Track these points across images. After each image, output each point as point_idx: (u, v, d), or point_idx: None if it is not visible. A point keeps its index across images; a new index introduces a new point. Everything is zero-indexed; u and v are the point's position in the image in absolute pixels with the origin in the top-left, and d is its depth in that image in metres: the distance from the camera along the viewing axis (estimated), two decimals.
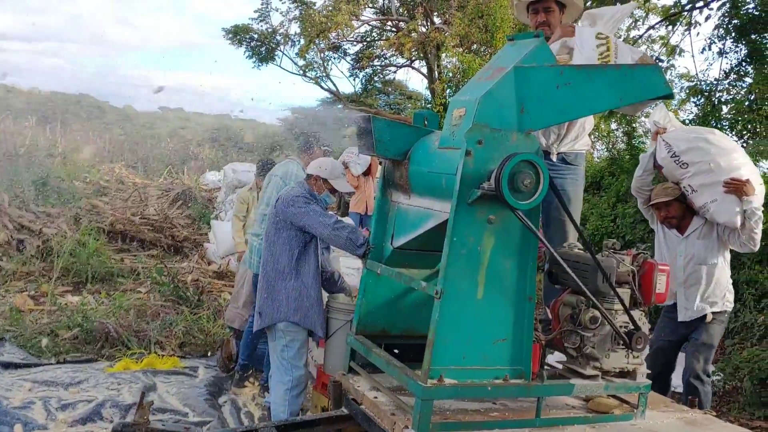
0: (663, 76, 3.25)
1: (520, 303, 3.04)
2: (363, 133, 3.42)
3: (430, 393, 2.85)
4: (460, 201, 2.87)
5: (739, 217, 4.19)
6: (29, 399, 4.32)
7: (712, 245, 4.37)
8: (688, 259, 4.43)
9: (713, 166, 4.22)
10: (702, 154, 4.27)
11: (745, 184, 4.15)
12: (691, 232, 4.42)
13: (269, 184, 5.28)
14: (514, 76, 2.98)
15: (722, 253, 4.41)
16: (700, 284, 4.38)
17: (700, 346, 4.36)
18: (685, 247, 4.44)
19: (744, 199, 4.16)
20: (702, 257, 4.38)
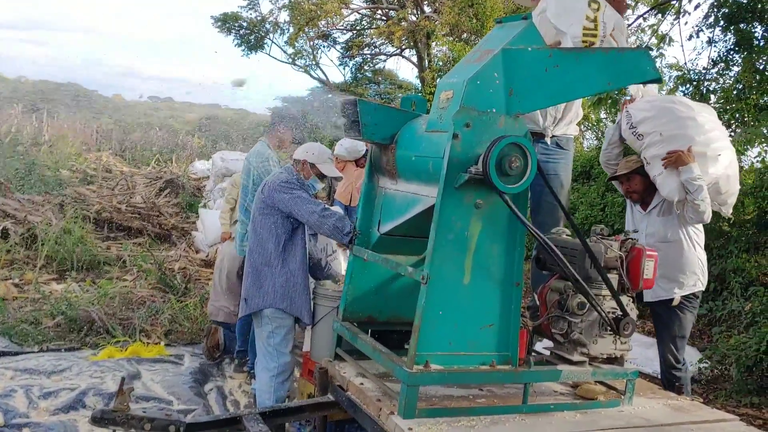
0: (652, 60, 3.22)
1: (507, 288, 3.01)
2: (349, 117, 3.37)
3: (416, 379, 2.83)
4: (447, 185, 2.84)
5: (678, 190, 3.93)
6: (10, 387, 4.25)
7: (673, 222, 4.12)
8: (647, 235, 4.20)
9: (663, 137, 4.00)
10: (654, 124, 4.05)
11: (680, 154, 3.90)
12: (652, 208, 4.20)
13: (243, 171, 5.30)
14: (502, 59, 2.94)
15: (685, 231, 4.13)
16: (664, 263, 3.97)
17: (673, 338, 4.19)
18: (646, 224, 4.23)
19: (680, 170, 3.90)
20: (662, 235, 4.15)
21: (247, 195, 5.06)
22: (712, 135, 4.06)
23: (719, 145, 4.06)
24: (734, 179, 4.18)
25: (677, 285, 4.13)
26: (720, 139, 4.10)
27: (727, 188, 4.13)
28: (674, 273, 4.11)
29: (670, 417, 3.36)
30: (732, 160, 4.17)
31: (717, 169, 3.99)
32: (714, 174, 3.98)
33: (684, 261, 4.11)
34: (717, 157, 4.00)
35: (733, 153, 4.24)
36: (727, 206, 4.27)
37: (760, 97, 8.25)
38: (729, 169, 4.10)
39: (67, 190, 9.86)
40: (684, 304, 4.17)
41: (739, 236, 8.02)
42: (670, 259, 4.05)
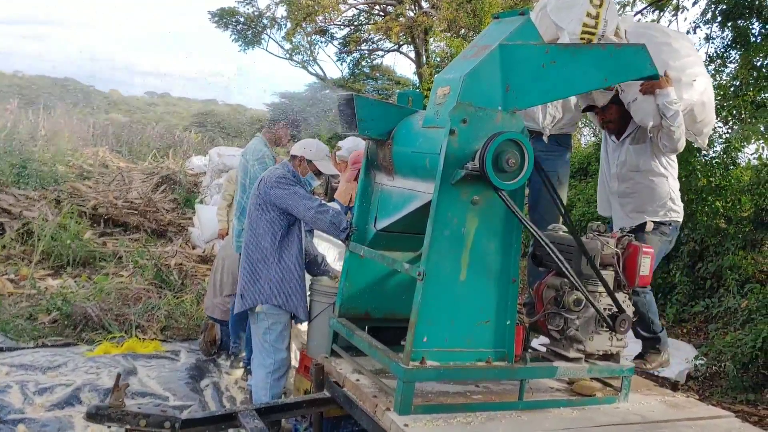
0: (649, 56, 3.21)
1: (503, 285, 3.01)
2: (345, 112, 3.36)
3: (412, 375, 2.83)
4: (444, 181, 2.84)
5: (653, 115, 3.79)
6: (6, 383, 4.24)
7: (645, 150, 4.00)
8: (619, 165, 4.09)
9: None
10: None
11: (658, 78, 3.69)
12: (625, 136, 4.07)
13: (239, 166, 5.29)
14: (500, 54, 2.94)
15: (657, 159, 4.00)
16: (635, 193, 4.04)
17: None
18: (618, 153, 4.10)
19: (657, 93, 3.74)
20: (634, 163, 4.02)
21: (244, 192, 5.04)
22: (687, 61, 3.95)
23: (694, 71, 3.95)
24: (710, 107, 4.07)
25: (646, 213, 4.00)
26: (695, 65, 4.00)
27: (703, 116, 4.02)
28: (643, 203, 4.01)
29: (665, 414, 3.36)
30: (707, 88, 4.05)
31: (692, 95, 3.87)
32: (689, 100, 3.87)
33: (654, 191, 3.99)
34: (692, 83, 3.88)
35: (709, 81, 4.12)
36: (703, 136, 4.16)
37: (757, 93, 8.25)
38: (704, 95, 3.98)
39: (63, 186, 9.82)
40: (654, 231, 4.00)
41: (735, 233, 8.02)
42: (639, 188, 4.01)
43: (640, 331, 3.97)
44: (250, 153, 5.12)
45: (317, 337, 4.08)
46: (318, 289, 4.16)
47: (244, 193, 5.01)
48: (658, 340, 3.98)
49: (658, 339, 3.98)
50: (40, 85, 42.87)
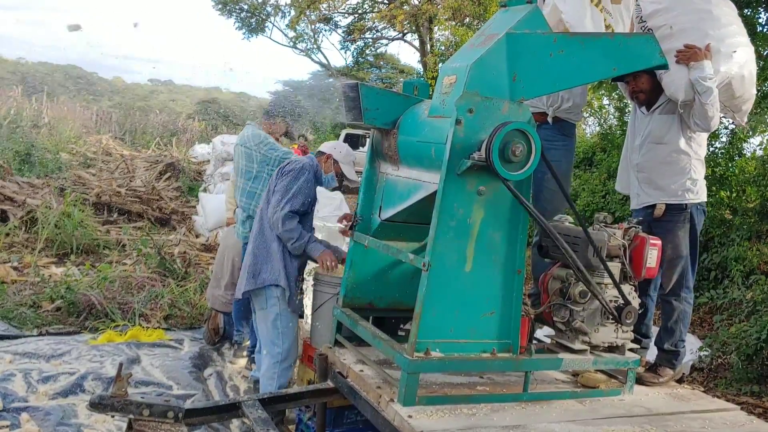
0: (658, 45, 3.18)
1: (509, 276, 2.99)
2: (350, 102, 3.32)
3: (416, 366, 2.81)
4: (450, 171, 2.81)
5: (684, 90, 3.53)
6: (9, 371, 4.24)
7: (672, 123, 3.73)
8: (644, 137, 3.82)
9: (674, 30, 3.61)
10: (666, 17, 3.66)
11: (695, 51, 3.51)
12: (655, 108, 3.78)
13: (236, 155, 5.22)
14: (506, 43, 2.90)
15: (684, 134, 3.72)
16: (653, 165, 3.78)
17: (667, 261, 3.66)
18: (646, 124, 3.83)
19: (691, 66, 3.51)
20: (658, 135, 3.75)
21: (249, 178, 5.02)
22: (729, 30, 3.68)
23: (735, 40, 3.66)
24: (750, 82, 3.77)
25: (663, 192, 3.75)
26: (737, 35, 3.71)
27: (742, 91, 3.75)
28: (660, 178, 3.75)
29: (671, 406, 3.35)
30: (749, 60, 3.75)
31: (730, 68, 3.60)
32: (726, 72, 3.60)
33: (673, 166, 3.73)
34: (731, 54, 3.60)
35: (752, 52, 3.81)
36: (741, 113, 3.91)
37: (763, 83, 8.18)
38: (744, 68, 3.70)
39: (66, 173, 9.81)
40: (671, 217, 3.74)
41: (741, 224, 8.00)
42: (658, 162, 3.76)
43: (663, 341, 3.81)
44: (251, 140, 5.07)
45: (321, 328, 4.07)
46: (321, 279, 4.14)
47: (249, 180, 4.99)
48: (677, 355, 3.80)
49: (678, 354, 3.80)
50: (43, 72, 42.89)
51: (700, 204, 3.79)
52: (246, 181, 5.03)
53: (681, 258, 3.71)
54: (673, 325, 3.77)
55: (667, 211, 3.71)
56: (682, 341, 3.81)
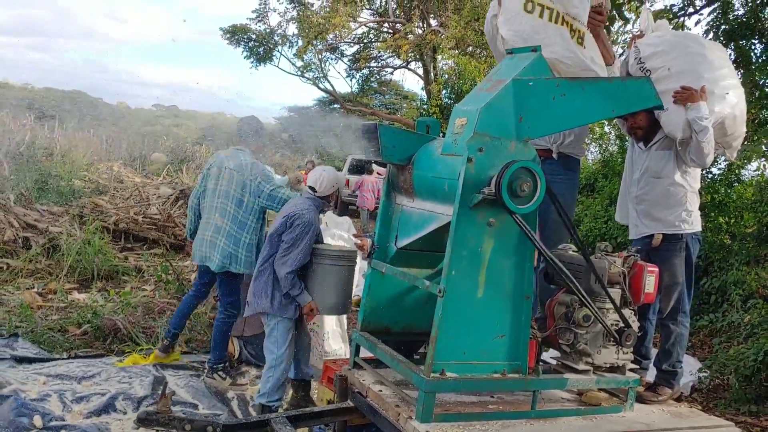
0: (653, 88, 3.45)
1: (518, 302, 3.23)
2: (369, 140, 3.60)
3: (433, 386, 3.04)
4: (462, 205, 3.06)
5: (682, 128, 3.80)
6: (45, 392, 4.47)
7: (669, 158, 3.98)
8: (642, 170, 4.08)
9: (672, 72, 3.87)
10: (664, 59, 3.92)
11: (692, 92, 3.77)
12: (653, 143, 4.04)
13: (221, 176, 5.31)
14: (513, 88, 3.17)
15: (680, 169, 3.98)
16: (650, 197, 4.03)
17: (664, 287, 3.89)
18: (644, 159, 4.09)
19: (688, 107, 3.77)
20: (656, 169, 4.00)
21: (240, 207, 5.21)
22: (721, 73, 3.96)
23: (728, 83, 3.96)
24: (741, 120, 4.07)
25: (660, 223, 4.00)
26: (729, 77, 4.01)
27: (733, 129, 4.03)
28: (657, 210, 4.00)
29: (669, 422, 3.57)
30: (740, 100, 4.05)
31: (723, 108, 3.89)
32: (720, 113, 3.88)
33: (670, 199, 3.98)
34: (724, 96, 3.89)
35: (742, 93, 4.12)
36: (732, 149, 4.20)
37: (759, 111, 8.45)
38: (736, 108, 3.98)
39: (83, 200, 10.11)
40: (668, 246, 3.98)
41: (739, 249, 8.23)
42: (655, 195, 4.01)
43: (661, 362, 4.06)
44: (248, 169, 5.26)
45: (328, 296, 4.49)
46: (322, 253, 4.47)
47: (240, 208, 5.20)
48: (674, 375, 4.04)
49: (675, 374, 4.05)
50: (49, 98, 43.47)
51: (695, 234, 4.04)
52: (237, 208, 5.20)
53: (678, 284, 3.96)
54: (670, 347, 4.01)
55: (664, 240, 3.97)
56: (679, 362, 4.05)
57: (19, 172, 10.81)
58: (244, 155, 5.41)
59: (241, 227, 5.20)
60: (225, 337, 5.40)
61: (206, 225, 5.32)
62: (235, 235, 5.19)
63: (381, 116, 23.15)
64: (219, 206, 5.25)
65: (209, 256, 5.23)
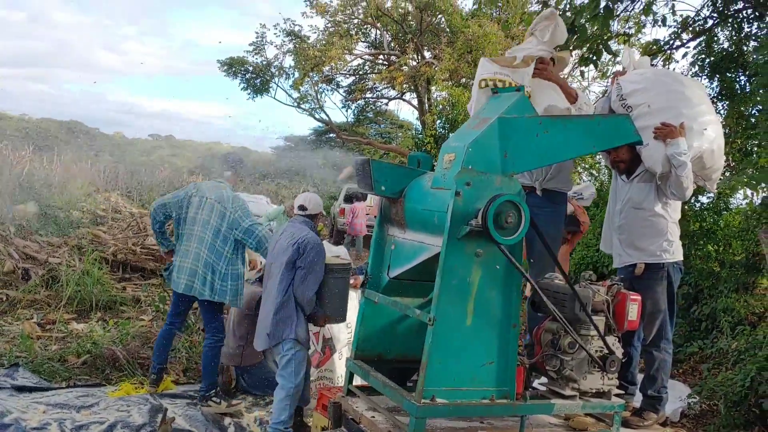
0: (632, 125, 3.63)
1: (505, 330, 3.35)
2: (362, 174, 3.75)
3: (423, 411, 3.16)
4: (451, 236, 3.21)
5: (661, 163, 3.99)
6: (45, 420, 4.55)
7: (649, 190, 4.16)
8: (624, 202, 4.25)
9: (652, 108, 4.03)
10: (644, 96, 4.08)
11: (671, 129, 3.94)
12: (635, 176, 4.23)
13: (201, 206, 5.48)
14: (498, 126, 3.34)
15: (661, 201, 4.16)
16: (632, 228, 4.20)
17: (647, 315, 4.08)
18: (626, 191, 4.27)
19: (668, 143, 3.96)
20: (638, 201, 4.18)
21: (217, 236, 5.39)
22: (700, 109, 4.12)
23: (706, 119, 4.11)
24: (719, 154, 4.22)
25: (642, 252, 4.16)
26: (707, 113, 4.16)
27: (712, 163, 4.19)
28: (640, 240, 4.17)
29: None
30: (718, 135, 4.21)
31: (702, 143, 4.04)
32: (699, 148, 4.04)
33: (651, 229, 4.14)
34: (703, 132, 4.06)
35: (719, 128, 4.28)
36: (711, 181, 4.36)
37: (744, 142, 8.66)
38: (714, 143, 4.14)
39: (81, 231, 10.23)
40: (650, 275, 4.15)
41: (728, 277, 8.37)
42: (637, 225, 4.17)
43: (646, 388, 4.19)
44: (229, 201, 5.45)
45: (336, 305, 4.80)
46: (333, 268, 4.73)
47: (218, 237, 5.38)
48: (659, 400, 4.17)
49: (660, 399, 4.18)
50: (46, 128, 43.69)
51: (676, 263, 4.19)
52: (214, 237, 5.38)
53: (660, 312, 4.11)
54: (654, 373, 4.13)
55: (647, 269, 4.12)
56: (664, 387, 4.17)
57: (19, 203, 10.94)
58: (225, 188, 5.63)
59: (218, 257, 5.38)
60: (215, 363, 5.53)
61: (186, 253, 5.48)
62: (213, 264, 5.37)
63: (376, 146, 23.45)
64: (198, 234, 5.44)
65: (193, 285, 5.40)
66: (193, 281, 5.38)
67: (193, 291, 5.40)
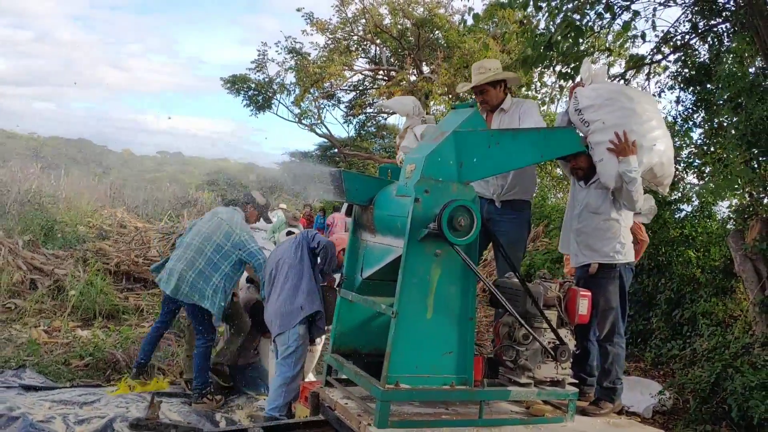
0: (577, 136, 4.00)
1: (463, 322, 3.68)
2: (335, 184, 4.13)
3: (388, 395, 3.49)
4: (411, 238, 3.55)
5: (614, 179, 4.25)
6: (50, 415, 4.92)
7: (605, 196, 4.43)
8: (582, 206, 4.53)
9: (606, 125, 4.26)
10: (599, 113, 4.30)
11: (623, 147, 4.19)
12: (592, 182, 4.49)
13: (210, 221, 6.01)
14: (454, 139, 3.71)
15: (615, 206, 4.45)
16: (588, 231, 4.48)
17: (600, 312, 4.39)
18: (584, 196, 4.54)
19: (620, 161, 4.21)
20: (595, 206, 4.46)
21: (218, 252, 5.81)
22: (649, 125, 4.34)
23: (655, 134, 4.35)
24: (668, 165, 4.49)
25: (596, 253, 4.45)
26: (656, 129, 4.39)
27: (662, 173, 4.47)
28: (594, 242, 4.46)
29: (605, 431, 4.02)
30: (667, 147, 4.46)
31: (651, 158, 4.31)
32: (649, 163, 4.30)
33: (605, 232, 4.43)
34: (652, 147, 4.30)
35: (668, 140, 4.51)
36: (663, 186, 4.66)
37: (722, 151, 8.98)
38: (663, 156, 4.40)
39: (87, 245, 10.66)
40: (603, 274, 4.43)
41: (707, 282, 8.69)
42: (592, 228, 4.47)
43: (602, 380, 4.48)
44: (238, 226, 5.92)
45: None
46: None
47: (218, 253, 5.81)
48: (615, 391, 4.46)
49: (615, 390, 4.47)
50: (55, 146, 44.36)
51: (628, 264, 4.52)
52: (213, 251, 5.80)
53: (612, 309, 4.42)
54: (609, 366, 4.46)
55: (600, 269, 4.44)
56: (618, 379, 4.49)
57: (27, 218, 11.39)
58: (238, 214, 6.08)
59: (215, 269, 5.77)
60: (206, 363, 5.91)
61: (179, 258, 5.87)
62: (207, 274, 5.75)
63: (377, 160, 23.82)
64: (197, 245, 5.85)
65: (180, 289, 5.77)
66: (181, 285, 5.76)
67: (179, 294, 5.77)
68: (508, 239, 4.53)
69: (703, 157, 9.20)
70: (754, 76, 7.47)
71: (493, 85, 4.78)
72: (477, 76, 4.80)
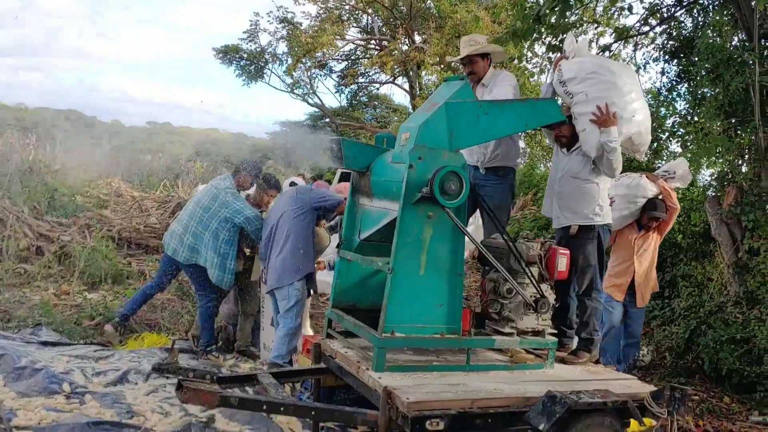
0: (559, 107, 4.33)
1: (453, 278, 4.04)
2: (334, 152, 4.45)
3: (384, 343, 3.86)
4: (406, 202, 3.89)
5: (596, 149, 4.58)
6: (69, 368, 5.28)
7: (586, 162, 4.74)
8: (563, 171, 4.87)
9: (588, 97, 4.56)
10: (582, 86, 4.60)
11: (605, 118, 4.49)
12: (574, 149, 4.83)
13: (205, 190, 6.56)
14: (445, 110, 4.03)
15: (595, 172, 4.76)
16: (569, 194, 4.80)
17: (580, 269, 4.76)
18: (566, 162, 4.88)
19: (601, 131, 4.52)
20: (575, 171, 4.79)
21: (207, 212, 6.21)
22: (629, 98, 4.64)
23: (634, 106, 4.66)
24: (645, 133, 4.82)
25: (576, 215, 4.78)
26: (635, 101, 4.69)
27: (640, 141, 4.81)
28: (574, 204, 4.79)
29: (582, 376, 4.41)
30: (645, 117, 4.77)
31: (630, 128, 4.64)
32: (628, 133, 4.64)
33: (585, 195, 4.76)
34: (631, 119, 4.62)
35: (647, 110, 4.83)
36: (640, 153, 5.01)
37: (704, 123, 9.31)
38: (641, 126, 4.73)
39: (89, 213, 10.95)
40: (583, 234, 4.78)
41: (688, 247, 9.08)
42: (573, 192, 4.79)
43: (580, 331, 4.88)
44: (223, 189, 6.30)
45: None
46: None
47: (206, 213, 6.21)
48: (592, 342, 4.86)
49: (592, 341, 4.86)
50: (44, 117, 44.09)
51: (605, 225, 4.88)
52: (203, 213, 6.21)
53: (591, 267, 4.80)
54: (587, 318, 4.85)
55: (580, 230, 4.81)
56: (596, 331, 4.89)
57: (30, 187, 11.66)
58: (228, 180, 6.46)
59: (204, 227, 6.18)
60: (211, 321, 6.34)
61: (178, 222, 6.43)
62: (198, 234, 6.18)
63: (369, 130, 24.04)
64: (190, 209, 6.36)
65: (177, 249, 6.24)
66: (178, 246, 6.24)
67: (176, 255, 6.23)
68: (493, 203, 4.86)
69: (687, 127, 9.51)
70: (733, 48, 7.76)
71: (482, 56, 5.10)
72: (466, 48, 5.11)
